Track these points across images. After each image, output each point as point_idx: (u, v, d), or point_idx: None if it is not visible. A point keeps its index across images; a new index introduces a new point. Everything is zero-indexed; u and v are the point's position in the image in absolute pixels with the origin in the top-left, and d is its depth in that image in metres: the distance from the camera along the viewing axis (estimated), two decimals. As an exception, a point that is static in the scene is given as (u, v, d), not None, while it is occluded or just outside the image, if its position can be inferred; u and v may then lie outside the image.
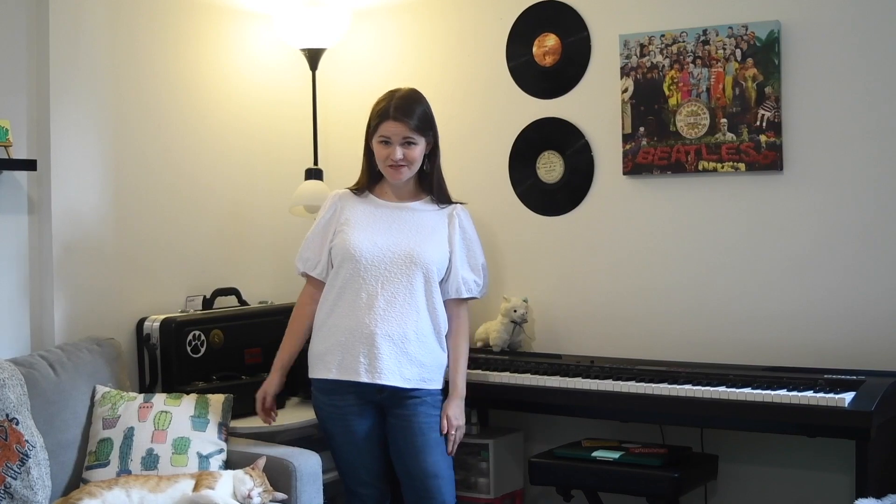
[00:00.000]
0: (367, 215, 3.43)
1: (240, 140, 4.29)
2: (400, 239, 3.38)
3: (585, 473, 3.50)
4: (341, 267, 3.37)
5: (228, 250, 4.24)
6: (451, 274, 3.43)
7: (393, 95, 3.42)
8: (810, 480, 3.61)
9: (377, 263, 3.34)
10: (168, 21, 4.02)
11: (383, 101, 3.42)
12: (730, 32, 3.64)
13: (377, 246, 3.36)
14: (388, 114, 3.37)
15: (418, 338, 3.35)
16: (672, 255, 3.82)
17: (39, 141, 3.62)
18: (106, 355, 3.58)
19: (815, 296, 3.57)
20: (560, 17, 4.00)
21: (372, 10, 4.43)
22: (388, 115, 3.37)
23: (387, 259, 3.34)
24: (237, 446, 3.50)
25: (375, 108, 3.43)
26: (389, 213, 3.44)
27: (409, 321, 3.34)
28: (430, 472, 3.34)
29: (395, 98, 3.40)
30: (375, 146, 3.41)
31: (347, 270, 3.35)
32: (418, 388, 3.34)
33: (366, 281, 3.33)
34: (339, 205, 3.46)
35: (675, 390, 3.34)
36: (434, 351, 3.38)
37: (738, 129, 3.64)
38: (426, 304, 3.38)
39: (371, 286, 3.33)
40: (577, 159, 3.99)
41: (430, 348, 3.37)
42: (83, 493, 3.12)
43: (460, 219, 3.48)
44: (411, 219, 3.43)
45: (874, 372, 3.33)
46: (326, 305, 3.40)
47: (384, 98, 3.43)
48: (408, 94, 3.43)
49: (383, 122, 3.38)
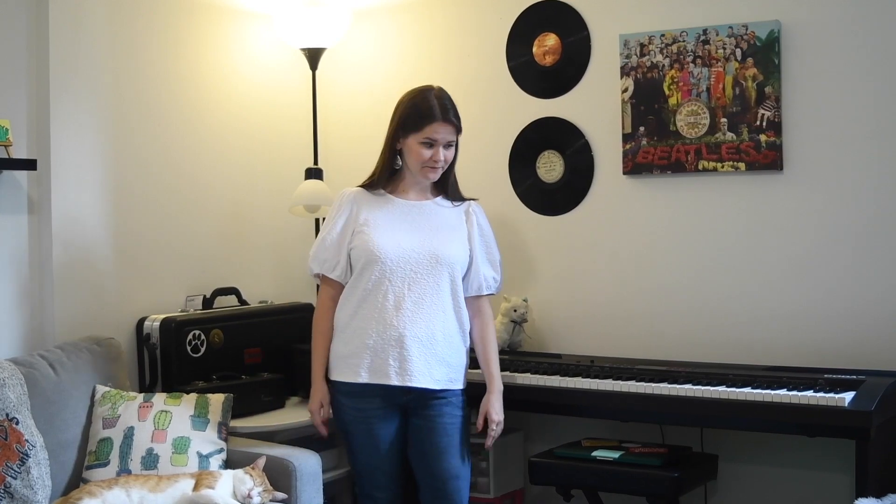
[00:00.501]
0: (387, 215, 3.33)
1: (240, 140, 4.29)
2: (424, 238, 3.32)
3: (585, 473, 3.50)
4: (365, 269, 3.28)
5: (228, 250, 4.24)
6: (471, 271, 3.40)
7: (433, 94, 3.30)
8: (810, 480, 3.61)
9: (403, 264, 3.27)
10: (168, 21, 4.02)
11: (425, 100, 3.28)
12: (730, 32, 3.64)
13: (402, 247, 3.28)
14: (436, 115, 3.26)
15: (445, 338, 3.31)
16: (672, 255, 3.82)
17: (39, 141, 3.62)
18: (106, 355, 3.58)
19: (815, 296, 3.57)
20: (560, 16, 4.01)
21: (372, 10, 4.43)
22: (437, 116, 3.26)
23: (413, 260, 3.28)
24: (237, 446, 3.49)
25: (415, 106, 3.28)
26: (409, 212, 3.35)
27: (437, 321, 3.30)
28: (453, 474, 3.32)
29: (438, 97, 3.29)
30: (415, 146, 3.28)
31: (372, 272, 3.27)
32: (446, 388, 3.31)
33: (392, 283, 3.26)
34: (355, 205, 3.34)
35: (675, 390, 3.34)
36: (459, 350, 3.37)
37: (738, 128, 3.64)
38: (452, 303, 3.34)
39: (398, 287, 3.26)
40: (577, 159, 3.99)
41: (457, 348, 3.35)
42: (83, 493, 3.12)
43: (477, 216, 3.45)
44: (431, 217, 3.37)
45: (874, 372, 3.33)
46: (349, 307, 3.32)
47: (423, 96, 3.29)
48: (446, 94, 3.33)
49: (431, 122, 3.25)
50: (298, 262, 4.44)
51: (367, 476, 3.38)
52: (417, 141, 3.27)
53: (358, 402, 3.32)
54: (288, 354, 4.05)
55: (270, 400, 3.91)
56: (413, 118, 3.28)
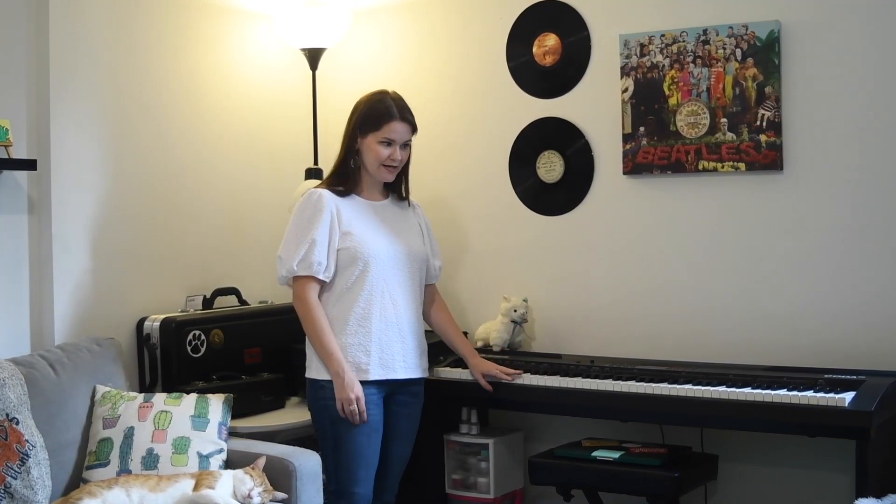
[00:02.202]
0: (362, 215, 3.42)
1: (240, 140, 4.29)
2: (397, 237, 3.45)
3: (585, 473, 3.50)
4: (355, 268, 3.35)
5: (228, 250, 4.24)
6: (427, 263, 3.57)
7: (389, 96, 3.43)
8: (810, 480, 3.61)
9: (390, 262, 3.39)
10: (168, 21, 4.02)
11: (382, 101, 3.41)
12: (730, 32, 3.64)
13: (385, 246, 3.40)
14: (394, 114, 3.37)
15: (420, 329, 3.52)
16: (672, 255, 3.82)
17: (39, 141, 3.62)
18: (106, 355, 3.58)
19: (815, 296, 3.57)
20: (560, 16, 4.01)
21: (372, 10, 4.43)
22: (395, 115, 3.37)
23: (396, 257, 3.41)
24: (237, 446, 3.49)
25: (373, 107, 3.40)
26: (376, 212, 3.46)
27: (416, 314, 3.49)
28: (406, 457, 3.51)
29: (394, 98, 3.42)
30: (374, 146, 3.39)
31: (368, 271, 3.35)
32: (423, 376, 3.53)
33: (385, 281, 3.38)
34: (334, 206, 3.38)
35: (675, 390, 3.34)
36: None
37: (738, 128, 3.64)
38: (420, 296, 3.53)
39: (391, 285, 3.39)
40: (577, 159, 3.99)
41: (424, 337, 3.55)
42: (83, 493, 3.12)
43: (421, 212, 3.60)
44: (394, 216, 3.50)
45: (874, 372, 3.33)
46: (342, 306, 3.36)
47: (379, 98, 3.42)
48: (400, 96, 3.47)
49: (389, 122, 3.37)
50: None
51: (348, 471, 3.36)
52: (376, 140, 3.38)
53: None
54: (288, 354, 4.05)
55: (270, 400, 3.92)
56: (372, 117, 3.38)
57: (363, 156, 3.42)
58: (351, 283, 3.36)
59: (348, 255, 3.35)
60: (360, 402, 3.29)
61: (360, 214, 3.41)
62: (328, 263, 3.34)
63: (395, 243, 3.43)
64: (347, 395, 3.29)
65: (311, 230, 3.34)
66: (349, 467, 3.36)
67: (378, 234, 3.41)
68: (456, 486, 3.98)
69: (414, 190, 3.61)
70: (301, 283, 3.36)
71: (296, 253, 3.33)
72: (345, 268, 3.36)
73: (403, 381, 3.43)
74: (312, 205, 3.37)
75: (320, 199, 3.37)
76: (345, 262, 3.35)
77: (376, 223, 3.43)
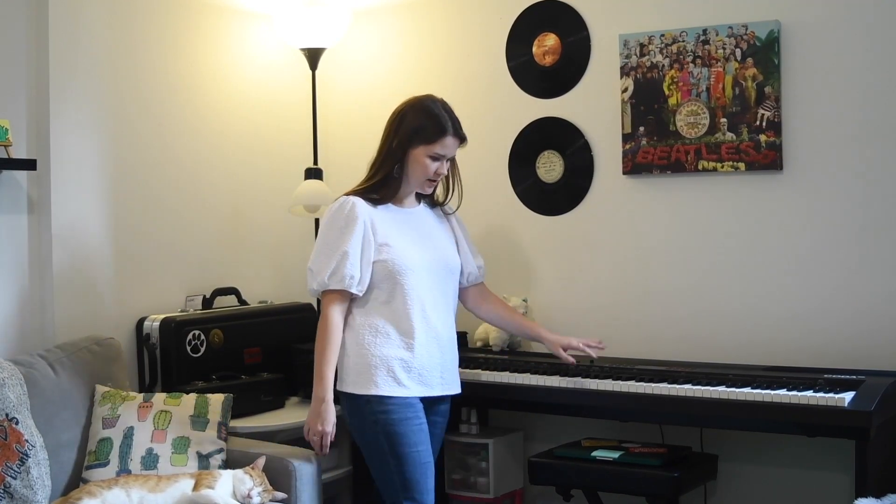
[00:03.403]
0: (397, 225, 3.25)
1: (240, 140, 4.30)
2: (433, 247, 3.30)
3: (585, 473, 3.50)
4: (392, 281, 3.18)
5: (228, 250, 4.24)
6: (465, 265, 3.44)
7: (441, 106, 3.25)
8: (810, 480, 3.61)
9: (427, 274, 3.23)
10: (168, 21, 4.02)
11: (438, 115, 3.22)
12: (730, 32, 3.64)
13: (422, 257, 3.24)
14: (448, 129, 3.21)
15: (455, 341, 3.36)
16: (672, 255, 3.82)
17: (39, 141, 3.62)
18: (106, 355, 3.58)
19: (815, 296, 3.57)
20: (560, 16, 4.01)
21: (372, 10, 4.43)
22: (449, 130, 3.21)
23: (433, 269, 3.25)
24: (237, 446, 3.49)
25: (429, 118, 3.22)
26: (408, 220, 3.30)
27: (452, 326, 3.34)
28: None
29: (448, 111, 3.25)
30: (422, 159, 3.22)
31: (402, 284, 3.17)
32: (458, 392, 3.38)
33: (423, 293, 3.21)
34: (367, 217, 3.18)
35: (675, 390, 3.34)
36: None
37: (738, 128, 3.64)
38: (454, 307, 3.39)
39: (428, 297, 3.22)
40: (577, 159, 3.99)
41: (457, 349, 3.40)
42: (83, 493, 3.12)
43: (453, 215, 3.47)
44: (425, 224, 3.35)
45: (874, 372, 3.33)
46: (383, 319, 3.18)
47: (435, 110, 3.23)
48: (449, 105, 3.29)
49: (444, 137, 3.20)
50: (298, 263, 4.44)
51: (416, 482, 3.15)
52: (426, 153, 3.22)
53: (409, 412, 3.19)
54: (288, 354, 4.06)
55: (270, 400, 3.92)
56: (426, 131, 3.20)
57: (409, 166, 3.24)
58: (390, 297, 3.18)
59: (386, 267, 3.17)
60: (326, 438, 3.17)
61: (395, 224, 3.24)
62: (361, 276, 3.15)
63: (431, 254, 3.27)
64: (318, 427, 3.15)
65: (343, 242, 3.15)
66: (416, 478, 3.15)
67: (414, 244, 3.24)
68: (456, 485, 3.98)
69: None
70: (330, 298, 3.17)
71: (327, 266, 3.15)
72: (382, 280, 3.18)
73: (438, 398, 3.29)
74: (345, 215, 3.18)
75: (353, 208, 3.18)
76: (382, 274, 3.18)
77: (412, 233, 3.27)
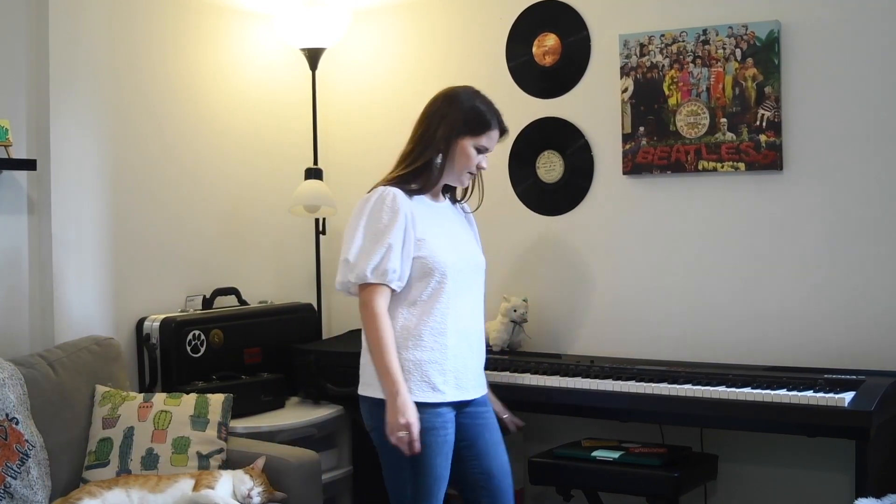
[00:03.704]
0: (432, 219, 3.07)
1: (240, 140, 4.30)
2: (463, 243, 3.15)
3: (585, 473, 3.50)
4: (430, 278, 3.00)
5: (228, 250, 4.24)
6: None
7: (487, 98, 3.12)
8: (810, 480, 3.61)
9: (461, 272, 3.06)
10: (168, 21, 4.02)
11: (486, 105, 3.11)
12: (730, 32, 3.64)
13: (457, 254, 3.07)
14: (495, 122, 3.10)
15: (484, 342, 3.21)
16: (671, 255, 3.82)
17: (39, 141, 3.62)
18: (106, 355, 3.58)
19: (815, 296, 3.57)
20: (560, 16, 4.01)
21: (372, 10, 4.43)
22: (495, 124, 3.10)
23: (466, 267, 3.09)
24: (237, 446, 3.49)
25: (478, 109, 3.09)
26: (441, 215, 3.13)
27: (482, 327, 3.18)
28: (507, 470, 3.16)
29: (492, 104, 3.13)
30: (469, 150, 3.07)
31: (440, 282, 3.01)
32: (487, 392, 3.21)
33: (458, 292, 3.04)
34: (408, 210, 3.01)
35: (675, 390, 3.34)
36: None
37: (738, 128, 3.64)
38: (484, 306, 3.21)
39: (462, 296, 3.06)
40: (577, 159, 4.00)
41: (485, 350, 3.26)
42: (83, 493, 3.12)
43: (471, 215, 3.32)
44: (454, 221, 3.19)
45: (874, 372, 3.33)
46: (416, 319, 3.00)
47: (482, 99, 3.11)
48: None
49: (490, 130, 3.08)
50: (298, 262, 4.46)
51: (430, 493, 3.00)
52: (472, 145, 3.09)
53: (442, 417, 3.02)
54: (288, 354, 4.06)
55: (270, 400, 3.92)
56: (476, 121, 3.08)
57: (453, 157, 3.08)
58: (427, 295, 3.00)
59: (423, 264, 3.00)
60: (412, 429, 2.87)
61: (430, 218, 3.07)
62: (402, 272, 2.97)
63: (462, 250, 3.11)
64: (399, 421, 2.86)
65: (388, 234, 2.96)
66: (430, 489, 3.00)
67: (448, 240, 3.08)
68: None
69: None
70: (371, 291, 2.96)
71: (370, 258, 2.95)
72: (419, 278, 3.00)
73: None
74: (388, 206, 2.99)
75: (395, 199, 3.00)
76: (420, 271, 3.00)
77: (445, 228, 3.10)
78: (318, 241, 4.39)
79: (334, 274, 3.06)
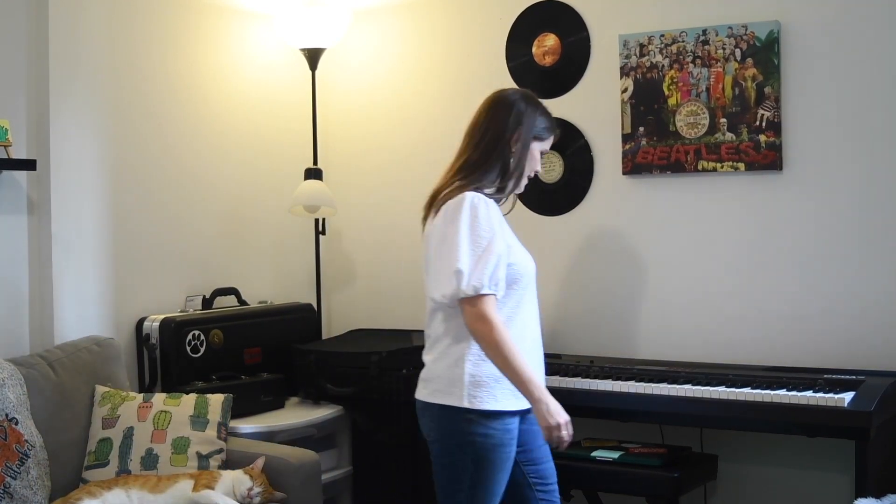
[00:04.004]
0: (507, 225, 3.02)
1: (240, 140, 4.30)
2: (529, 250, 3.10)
3: (585, 473, 3.50)
4: (518, 285, 2.96)
5: (228, 250, 4.24)
6: None
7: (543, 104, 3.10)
8: (810, 480, 3.61)
9: (534, 279, 3.04)
10: (168, 21, 4.02)
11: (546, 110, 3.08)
12: (729, 32, 3.64)
13: (531, 260, 3.05)
14: (554, 128, 3.09)
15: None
16: (671, 255, 3.82)
17: (39, 141, 3.62)
18: (106, 355, 3.58)
19: (815, 296, 3.57)
20: (560, 17, 4.01)
21: (372, 10, 4.43)
22: (554, 130, 3.09)
23: (534, 274, 3.06)
24: (237, 446, 3.49)
25: (545, 114, 3.07)
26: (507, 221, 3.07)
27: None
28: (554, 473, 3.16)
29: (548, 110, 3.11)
30: (537, 154, 3.06)
31: (525, 289, 2.99)
32: None
33: (532, 301, 3.03)
34: (499, 215, 2.96)
35: (675, 390, 3.34)
36: None
37: (738, 128, 3.64)
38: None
39: (534, 302, 3.04)
40: (577, 159, 4.00)
41: None
42: (83, 493, 3.12)
43: None
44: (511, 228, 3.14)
45: (874, 372, 3.33)
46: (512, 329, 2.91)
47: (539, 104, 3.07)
48: None
49: (552, 135, 3.08)
50: (298, 263, 4.46)
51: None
52: (540, 150, 3.07)
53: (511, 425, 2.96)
54: (288, 354, 4.06)
55: (270, 400, 3.92)
56: (546, 126, 3.06)
57: (525, 161, 3.02)
58: (513, 302, 2.95)
59: (514, 272, 2.94)
60: (569, 426, 2.87)
61: (506, 224, 3.01)
62: (502, 280, 2.91)
63: (530, 256, 3.06)
64: (558, 421, 2.84)
65: (494, 242, 2.89)
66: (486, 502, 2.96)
67: (521, 246, 3.04)
68: (456, 486, 3.97)
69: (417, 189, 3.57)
70: (487, 302, 2.84)
71: (485, 268, 2.85)
72: (510, 285, 2.93)
73: None
74: (488, 213, 2.91)
75: (489, 205, 2.93)
76: (511, 279, 2.93)
77: (514, 234, 3.05)
78: (317, 241, 4.39)
79: (334, 274, 3.05)
